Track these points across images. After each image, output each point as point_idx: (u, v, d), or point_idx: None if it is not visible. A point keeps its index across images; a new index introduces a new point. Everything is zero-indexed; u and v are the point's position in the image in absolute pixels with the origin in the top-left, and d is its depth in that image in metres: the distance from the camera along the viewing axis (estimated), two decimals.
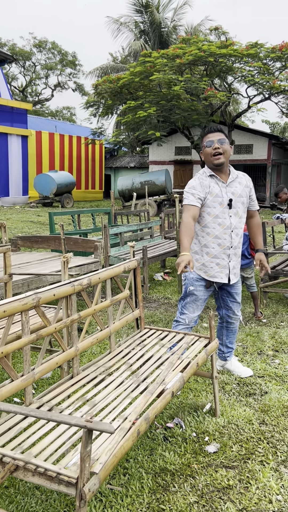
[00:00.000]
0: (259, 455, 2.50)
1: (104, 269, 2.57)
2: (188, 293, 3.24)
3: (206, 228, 3.16)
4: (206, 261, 3.20)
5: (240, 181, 3.25)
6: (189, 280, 3.25)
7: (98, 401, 2.07)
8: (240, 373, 3.54)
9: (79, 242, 5.64)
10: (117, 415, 1.96)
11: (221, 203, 3.13)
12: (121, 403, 2.07)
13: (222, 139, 3.11)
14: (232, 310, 3.43)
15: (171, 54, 17.42)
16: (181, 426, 2.77)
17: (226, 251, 3.19)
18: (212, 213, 3.13)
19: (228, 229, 3.16)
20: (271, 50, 16.79)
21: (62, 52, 43.51)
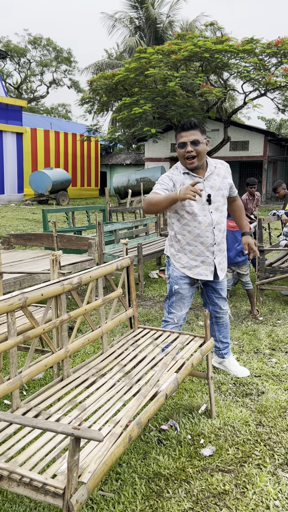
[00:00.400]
0: (256, 458, 2.43)
1: (95, 267, 2.49)
2: (174, 292, 3.14)
3: (186, 226, 3.02)
4: (190, 259, 3.08)
5: (218, 173, 3.09)
6: (173, 279, 3.13)
7: (89, 404, 1.99)
8: (237, 372, 3.46)
9: (72, 239, 5.55)
10: (108, 419, 1.88)
11: (199, 200, 2.98)
12: (113, 406, 1.99)
13: (196, 140, 2.89)
14: (218, 306, 3.33)
15: (166, 50, 17.30)
16: (176, 428, 2.70)
17: (210, 248, 3.07)
18: (191, 211, 2.98)
19: (210, 226, 3.02)
20: (267, 46, 16.70)
21: (57, 48, 43.25)
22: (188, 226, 3.02)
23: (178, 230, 3.06)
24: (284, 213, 6.55)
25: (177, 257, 3.11)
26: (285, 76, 16.90)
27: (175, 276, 3.12)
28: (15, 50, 42.15)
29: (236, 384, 3.33)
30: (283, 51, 16.58)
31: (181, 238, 3.06)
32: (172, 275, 3.14)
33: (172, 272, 3.13)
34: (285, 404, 3.01)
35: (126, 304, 2.91)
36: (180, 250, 3.10)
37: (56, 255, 2.34)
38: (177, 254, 3.11)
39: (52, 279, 2.35)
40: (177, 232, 3.07)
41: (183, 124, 2.95)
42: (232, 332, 4.43)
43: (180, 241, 3.08)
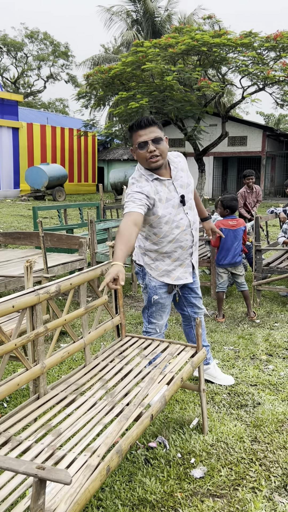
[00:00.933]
0: (250, 481, 2.24)
1: (77, 274, 2.29)
2: (153, 303, 2.89)
3: (165, 238, 2.76)
4: (169, 266, 2.85)
5: (182, 167, 2.82)
6: (151, 289, 2.88)
7: (65, 428, 1.80)
8: (221, 381, 3.27)
9: (63, 238, 5.34)
10: (84, 447, 1.69)
11: (174, 204, 2.73)
12: (91, 430, 1.79)
13: (157, 138, 2.58)
14: (196, 306, 3.11)
15: (163, 44, 17.02)
16: (165, 445, 2.51)
17: (189, 250, 2.87)
18: (169, 220, 2.71)
19: (188, 228, 2.80)
20: (266, 40, 16.43)
21: (55, 43, 42.82)
22: (167, 236, 2.76)
23: (157, 242, 2.79)
24: (282, 211, 6.35)
25: (153, 266, 2.86)
26: (283, 70, 16.66)
27: (153, 286, 2.87)
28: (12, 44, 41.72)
29: (231, 394, 3.14)
30: (282, 45, 16.32)
31: (160, 249, 2.81)
32: (149, 285, 2.88)
33: (149, 282, 2.88)
34: (282, 417, 2.83)
35: (113, 312, 2.72)
36: (157, 258, 2.85)
37: (31, 261, 2.14)
38: (153, 262, 2.85)
39: (26, 288, 2.15)
40: (155, 243, 2.80)
41: (138, 121, 2.60)
42: (227, 336, 4.25)
43: (158, 251, 2.82)
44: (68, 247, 5.37)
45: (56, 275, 4.93)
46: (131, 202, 2.54)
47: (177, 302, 3.13)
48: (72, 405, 2.00)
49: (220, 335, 4.27)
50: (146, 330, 2.99)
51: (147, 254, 2.88)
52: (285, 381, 3.33)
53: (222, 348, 3.97)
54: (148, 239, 2.84)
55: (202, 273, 6.70)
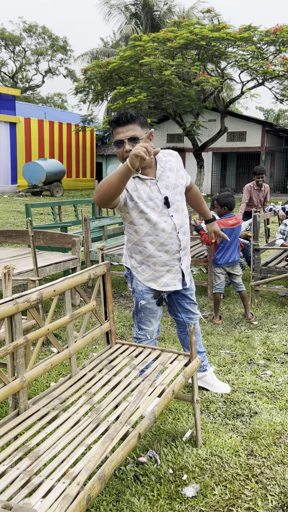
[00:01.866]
0: (246, 500, 2.11)
1: (61, 279, 2.14)
2: (141, 308, 2.76)
3: (147, 237, 2.62)
4: (156, 270, 2.70)
5: (171, 167, 2.66)
6: (138, 294, 2.74)
7: (44, 450, 1.66)
8: (218, 389, 3.13)
9: (55, 237, 5.20)
10: (64, 473, 1.55)
11: (157, 205, 2.58)
12: (73, 453, 1.65)
13: (134, 136, 2.41)
14: (191, 312, 2.97)
15: (162, 38, 16.80)
16: (156, 460, 2.37)
17: (176, 255, 2.70)
18: (151, 219, 2.57)
19: (174, 231, 2.64)
20: (265, 34, 16.22)
21: (53, 37, 42.47)
22: (150, 236, 2.61)
23: (139, 242, 2.65)
24: (281, 209, 6.21)
25: (140, 269, 2.71)
26: (283, 65, 16.46)
27: (140, 290, 2.72)
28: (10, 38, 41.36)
29: (227, 403, 3.01)
30: (282, 39, 16.11)
31: (143, 250, 2.66)
32: (136, 290, 2.74)
33: (136, 287, 2.73)
34: (280, 427, 2.69)
35: (102, 318, 2.57)
36: (142, 262, 2.70)
37: (9, 267, 1.99)
38: (140, 266, 2.71)
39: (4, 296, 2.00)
40: (137, 244, 2.65)
41: (118, 117, 2.46)
42: (224, 339, 4.11)
43: (142, 252, 2.67)
44: (61, 246, 5.23)
45: (48, 275, 4.79)
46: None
47: (171, 308, 2.99)
48: (54, 422, 1.85)
49: (216, 338, 4.13)
50: (136, 336, 2.84)
51: (133, 257, 2.74)
52: (283, 388, 3.20)
53: (218, 352, 3.84)
54: (129, 240, 2.70)
55: (199, 271, 6.56)
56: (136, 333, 2.85)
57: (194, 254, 5.63)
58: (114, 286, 5.98)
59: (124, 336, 4.19)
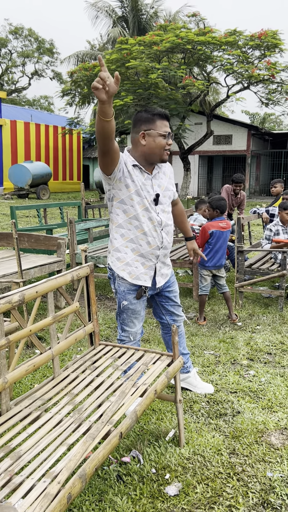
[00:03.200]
0: (227, 498, 2.14)
1: (44, 280, 2.15)
2: (123, 309, 2.75)
3: (134, 220, 2.63)
4: (131, 260, 2.68)
5: (165, 172, 2.79)
6: (120, 294, 2.74)
7: (25, 450, 1.67)
8: (202, 389, 3.16)
9: (40, 239, 5.20)
10: (45, 472, 1.56)
11: (147, 199, 2.64)
12: (54, 452, 1.66)
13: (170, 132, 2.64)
14: (175, 314, 3.00)
15: (148, 41, 16.88)
16: (139, 460, 2.39)
17: (155, 252, 2.72)
18: (142, 203, 2.62)
19: (159, 227, 2.70)
20: (250, 38, 16.40)
21: (39, 39, 42.35)
22: (137, 220, 2.63)
23: (123, 223, 2.65)
24: (265, 211, 6.28)
25: (117, 257, 2.69)
26: (268, 69, 16.65)
27: (122, 291, 2.72)
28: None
29: (210, 403, 3.04)
30: (266, 43, 16.31)
31: (125, 233, 2.66)
32: (119, 290, 2.73)
33: (119, 287, 2.73)
34: (262, 426, 2.73)
35: (85, 319, 2.59)
36: (119, 249, 2.69)
37: None
38: (116, 253, 2.70)
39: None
40: (121, 226, 2.66)
41: (164, 112, 2.62)
42: (208, 340, 4.15)
43: (123, 235, 2.67)
44: (46, 248, 5.23)
45: (33, 277, 4.79)
46: None
47: (155, 310, 3.01)
48: (36, 423, 1.86)
49: (201, 339, 4.17)
50: (120, 338, 2.84)
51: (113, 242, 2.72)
52: (265, 387, 3.24)
53: (202, 353, 3.87)
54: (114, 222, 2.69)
55: (185, 273, 6.60)
56: (119, 335, 2.85)
57: (180, 256, 5.67)
58: (100, 288, 5.99)
59: (110, 338, 4.20)
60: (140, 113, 2.63)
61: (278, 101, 18.58)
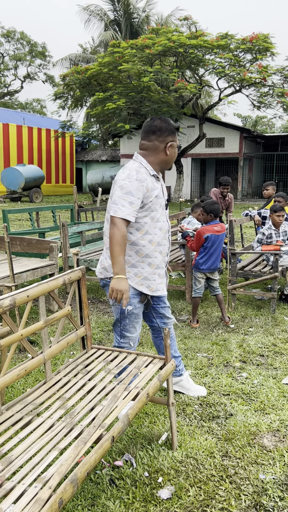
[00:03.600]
0: (220, 500, 2.14)
1: (35, 284, 2.15)
2: (127, 314, 2.73)
3: (147, 235, 2.68)
4: (148, 274, 2.73)
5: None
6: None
7: (16, 455, 1.66)
8: (195, 392, 3.16)
9: (33, 243, 5.18)
10: (36, 477, 1.56)
11: (161, 205, 2.73)
12: (45, 457, 1.66)
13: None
14: (166, 316, 3.00)
15: (140, 45, 16.94)
16: (132, 464, 2.39)
17: (165, 258, 2.84)
18: (155, 217, 2.69)
19: (167, 233, 2.81)
20: (242, 42, 16.52)
21: (31, 42, 42.31)
22: (149, 234, 2.69)
23: (137, 241, 2.68)
24: (257, 213, 6.31)
25: (133, 273, 2.70)
26: (259, 72, 16.77)
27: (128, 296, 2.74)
28: None
29: (203, 405, 3.04)
30: (258, 47, 16.43)
31: (140, 250, 2.69)
32: None
33: None
34: (255, 428, 2.74)
35: (77, 323, 2.58)
36: (136, 265, 2.70)
37: None
38: (133, 269, 2.71)
39: None
40: (135, 243, 2.68)
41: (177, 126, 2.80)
42: (201, 343, 4.15)
43: (138, 252, 2.69)
44: (38, 252, 5.21)
45: (26, 281, 4.77)
46: (128, 204, 2.50)
47: (146, 314, 3.00)
48: (28, 427, 1.86)
49: (194, 342, 4.17)
50: (118, 345, 2.81)
51: (130, 262, 2.73)
52: (258, 389, 3.25)
53: (195, 355, 3.87)
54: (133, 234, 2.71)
55: (178, 276, 6.61)
56: (118, 342, 2.81)
57: (173, 259, 5.68)
58: (93, 292, 5.98)
59: (102, 341, 4.20)
60: (163, 123, 2.68)
61: (270, 104, 18.71)
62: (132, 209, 2.50)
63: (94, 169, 28.28)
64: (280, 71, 17.54)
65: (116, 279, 2.39)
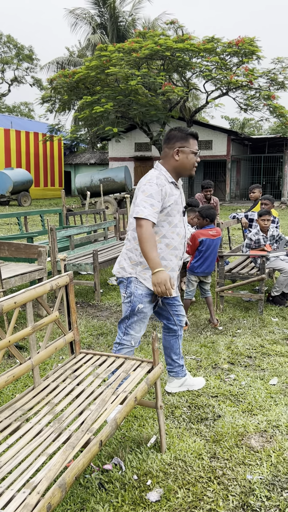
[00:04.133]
0: (208, 501, 2.17)
1: (22, 291, 2.16)
2: (136, 312, 2.84)
3: (164, 239, 2.83)
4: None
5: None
6: (137, 297, 2.83)
7: (5, 462, 1.67)
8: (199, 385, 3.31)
9: (21, 247, 5.18)
10: (24, 482, 1.57)
11: (179, 211, 2.86)
12: (34, 463, 1.67)
13: None
14: (181, 314, 3.16)
15: (127, 48, 17.01)
16: (121, 467, 2.41)
17: (179, 263, 2.98)
18: (172, 222, 2.82)
19: (183, 239, 2.95)
20: (228, 45, 16.66)
21: (18, 46, 42.20)
22: (166, 238, 2.84)
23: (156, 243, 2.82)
24: (244, 216, 6.37)
25: (149, 275, 2.79)
26: (246, 75, 16.92)
27: (140, 294, 2.82)
28: None
29: (191, 408, 3.07)
30: (244, 50, 16.58)
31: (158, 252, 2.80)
32: (136, 293, 2.82)
33: (136, 290, 2.81)
34: (242, 429, 2.78)
35: (65, 328, 2.60)
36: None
37: None
38: (148, 271, 2.79)
39: None
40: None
41: (196, 132, 2.90)
42: (190, 345, 4.19)
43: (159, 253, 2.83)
44: (26, 257, 5.21)
45: (14, 286, 4.77)
46: (150, 206, 2.63)
47: (161, 313, 3.11)
48: (16, 433, 1.87)
49: (182, 344, 4.20)
50: (120, 341, 2.90)
51: (141, 263, 2.82)
52: (246, 391, 3.29)
53: (184, 357, 3.90)
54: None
55: None
56: (119, 339, 2.90)
57: None
58: (82, 295, 5.99)
59: (92, 345, 4.21)
60: (174, 131, 2.86)
61: (257, 107, 18.89)
62: (153, 211, 2.63)
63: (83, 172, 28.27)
64: (266, 74, 17.73)
65: (155, 275, 2.51)
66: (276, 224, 6.06)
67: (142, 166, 25.78)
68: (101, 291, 6.03)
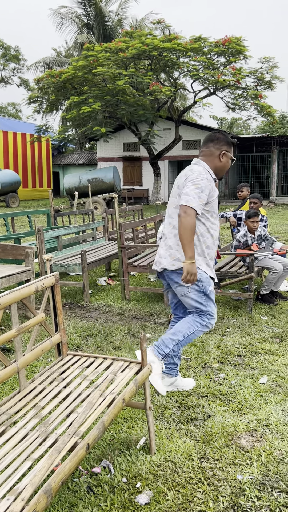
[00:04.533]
0: (198, 503, 2.14)
1: (6, 292, 2.12)
2: (210, 292, 3.05)
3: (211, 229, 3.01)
4: (209, 262, 3.08)
5: None
6: (205, 281, 3.02)
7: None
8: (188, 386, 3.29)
9: (7, 249, 5.12)
10: (9, 489, 1.53)
11: (215, 211, 3.06)
12: (19, 468, 1.63)
13: None
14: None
15: (114, 48, 16.96)
16: (110, 470, 2.37)
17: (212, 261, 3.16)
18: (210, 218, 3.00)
19: (216, 241, 3.11)
20: (215, 45, 16.69)
21: (4, 46, 41.89)
22: (212, 228, 3.03)
23: (203, 232, 3.00)
24: (232, 215, 6.36)
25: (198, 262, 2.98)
26: (233, 75, 16.97)
27: (206, 277, 3.02)
28: None
29: (181, 408, 3.04)
30: (231, 50, 16.63)
31: (204, 241, 3.00)
32: (202, 278, 2.99)
33: (203, 274, 3.00)
34: (232, 429, 2.75)
35: (52, 330, 2.55)
36: (201, 253, 3.01)
37: None
38: (198, 257, 2.99)
39: None
40: (202, 234, 2.99)
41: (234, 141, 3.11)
42: None
43: (202, 244, 3.00)
44: (14, 258, 5.15)
45: (1, 288, 4.70)
46: (198, 198, 2.79)
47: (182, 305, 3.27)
48: (1, 438, 1.82)
49: None
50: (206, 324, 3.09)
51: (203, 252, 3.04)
52: (235, 390, 3.27)
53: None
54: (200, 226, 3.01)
55: (156, 279, 6.62)
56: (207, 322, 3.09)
57: (150, 262, 5.68)
58: (71, 297, 5.94)
59: (81, 347, 4.17)
60: (221, 135, 3.08)
61: (244, 106, 18.95)
62: (199, 203, 2.80)
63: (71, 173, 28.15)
64: (253, 73, 17.79)
65: (190, 264, 2.74)
66: (265, 223, 6.06)
67: (130, 166, 25.74)
68: (90, 292, 5.98)
